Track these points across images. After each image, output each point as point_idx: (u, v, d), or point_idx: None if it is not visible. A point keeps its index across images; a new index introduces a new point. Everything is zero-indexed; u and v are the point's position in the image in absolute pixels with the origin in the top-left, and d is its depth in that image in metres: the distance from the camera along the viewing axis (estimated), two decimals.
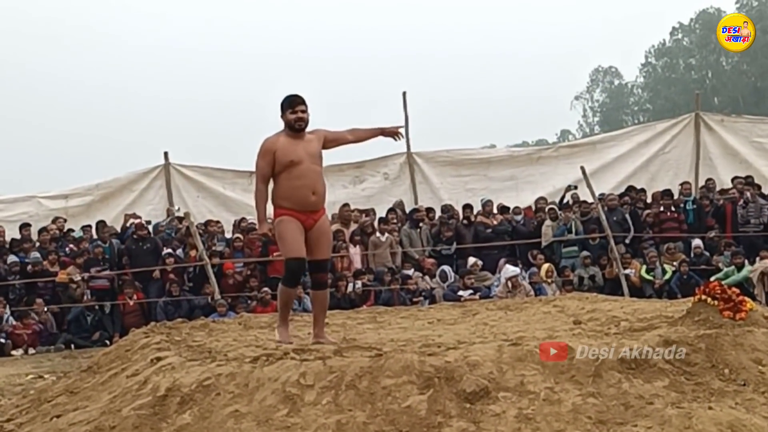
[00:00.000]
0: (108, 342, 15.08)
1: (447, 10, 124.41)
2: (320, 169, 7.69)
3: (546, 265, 17.12)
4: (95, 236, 17.71)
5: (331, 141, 7.78)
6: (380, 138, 8.13)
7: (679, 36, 79.15)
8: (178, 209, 18.84)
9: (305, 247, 7.64)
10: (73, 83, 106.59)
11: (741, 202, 17.68)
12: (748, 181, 18.40)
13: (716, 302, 6.89)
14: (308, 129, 7.65)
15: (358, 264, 17.23)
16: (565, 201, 18.56)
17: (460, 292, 16.15)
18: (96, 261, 16.82)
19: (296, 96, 7.61)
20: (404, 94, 20.16)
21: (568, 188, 19.20)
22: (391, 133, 8.09)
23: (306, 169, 7.48)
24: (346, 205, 17.97)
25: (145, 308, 16.58)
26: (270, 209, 7.81)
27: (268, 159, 7.46)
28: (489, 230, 17.93)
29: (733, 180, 18.71)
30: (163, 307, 16.15)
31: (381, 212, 18.65)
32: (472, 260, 17.14)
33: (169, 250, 16.97)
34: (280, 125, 7.64)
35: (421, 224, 18.12)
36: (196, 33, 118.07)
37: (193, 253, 16.87)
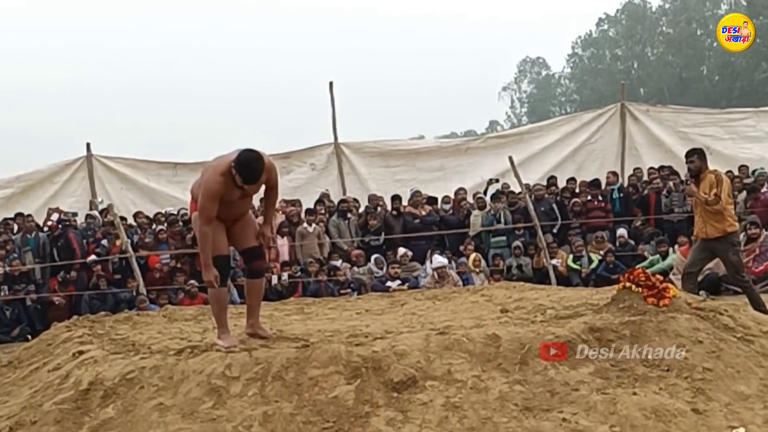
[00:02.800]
0: (29, 337, 14.80)
1: (376, 1, 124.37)
2: (251, 200, 7.43)
3: (473, 255, 17.17)
4: (15, 230, 17.40)
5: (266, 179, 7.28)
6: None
7: (606, 27, 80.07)
8: (101, 201, 18.56)
9: (231, 239, 7.33)
10: None
11: (665, 191, 17.92)
12: (671, 170, 18.61)
13: (640, 289, 6.96)
14: None
15: (285, 255, 17.12)
16: (487, 195, 18.65)
17: (389, 283, 16.14)
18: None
19: (255, 177, 6.98)
20: (331, 84, 20.09)
21: (490, 182, 19.33)
22: (267, 238, 7.65)
23: (234, 204, 7.14)
24: None
25: (73, 302, 16.29)
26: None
27: (216, 205, 6.95)
28: (417, 221, 17.93)
29: (658, 169, 18.92)
30: (88, 301, 15.90)
31: (308, 203, 18.54)
32: (401, 251, 17.14)
33: (98, 249, 16.68)
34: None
35: (349, 215, 18.07)
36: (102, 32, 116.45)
37: (118, 242, 16.59)
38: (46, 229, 17.28)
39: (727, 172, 18.80)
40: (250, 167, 6.93)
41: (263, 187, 7.37)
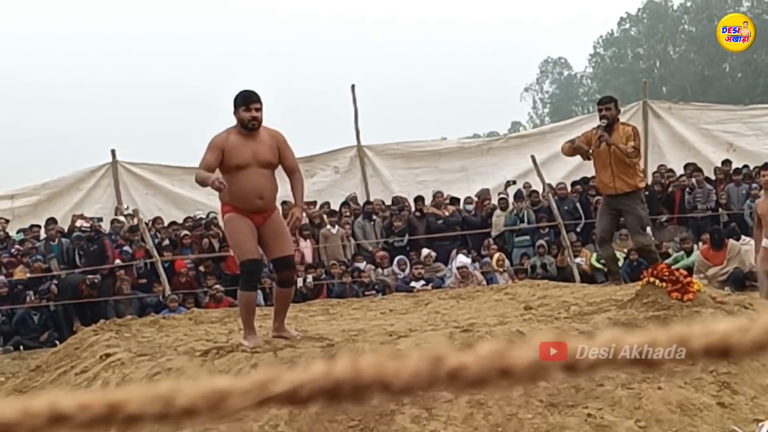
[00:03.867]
0: (57, 343, 14.87)
1: (396, 4, 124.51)
2: (270, 171, 7.29)
3: (497, 255, 17.16)
4: (43, 235, 17.51)
5: (282, 159, 7.36)
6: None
7: (627, 26, 79.80)
8: (127, 207, 18.65)
9: (263, 247, 7.36)
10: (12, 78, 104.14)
11: (688, 188, 17.88)
12: (695, 167, 18.60)
13: (664, 284, 6.94)
14: (268, 128, 7.34)
15: (309, 258, 17.16)
16: (509, 195, 18.61)
17: (413, 283, 16.15)
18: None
19: (251, 92, 7.24)
20: (353, 87, 20.11)
21: (508, 184, 19.30)
22: (294, 218, 7.53)
23: (251, 173, 7.13)
24: None
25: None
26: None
27: (216, 155, 7.07)
28: (440, 221, 17.94)
29: (685, 167, 18.91)
30: (113, 306, 15.98)
31: (332, 206, 18.61)
32: (425, 252, 17.15)
33: (126, 248, 16.80)
34: (231, 121, 7.31)
35: (374, 217, 18.10)
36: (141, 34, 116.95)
37: (142, 250, 16.70)
38: (84, 225, 17.25)
39: (755, 168, 18.79)
40: (244, 92, 7.26)
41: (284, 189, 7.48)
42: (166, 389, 0.45)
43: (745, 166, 18.80)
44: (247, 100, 7.16)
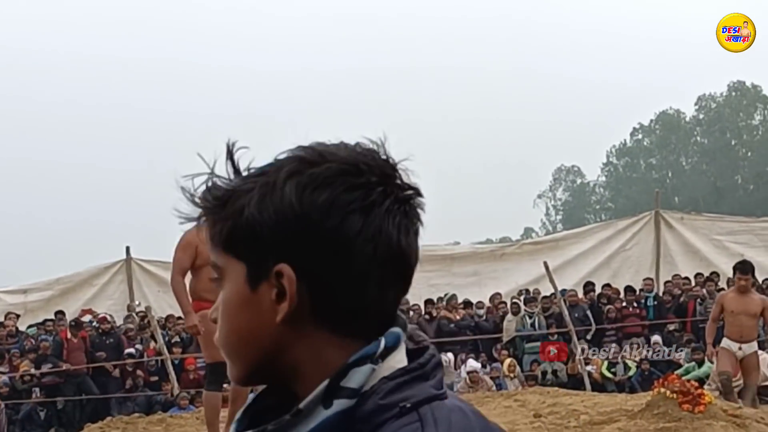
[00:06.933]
0: None
1: (415, 110, 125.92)
2: None
3: (508, 360, 17.09)
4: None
5: None
6: None
7: (640, 136, 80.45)
8: (139, 303, 18.69)
9: None
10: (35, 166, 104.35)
11: (699, 298, 17.86)
12: (707, 277, 18.61)
13: (675, 395, 6.91)
14: None
15: None
16: None
17: None
18: (44, 357, 16.51)
19: None
20: None
21: None
22: None
23: None
24: None
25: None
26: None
27: (190, 252, 7.39)
28: (452, 325, 17.91)
29: (695, 276, 18.96)
30: (121, 402, 15.90)
31: None
32: None
33: (131, 350, 16.80)
34: None
35: None
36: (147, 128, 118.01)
37: (152, 346, 16.69)
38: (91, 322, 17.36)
39: (765, 280, 18.79)
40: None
41: None
42: None
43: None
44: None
